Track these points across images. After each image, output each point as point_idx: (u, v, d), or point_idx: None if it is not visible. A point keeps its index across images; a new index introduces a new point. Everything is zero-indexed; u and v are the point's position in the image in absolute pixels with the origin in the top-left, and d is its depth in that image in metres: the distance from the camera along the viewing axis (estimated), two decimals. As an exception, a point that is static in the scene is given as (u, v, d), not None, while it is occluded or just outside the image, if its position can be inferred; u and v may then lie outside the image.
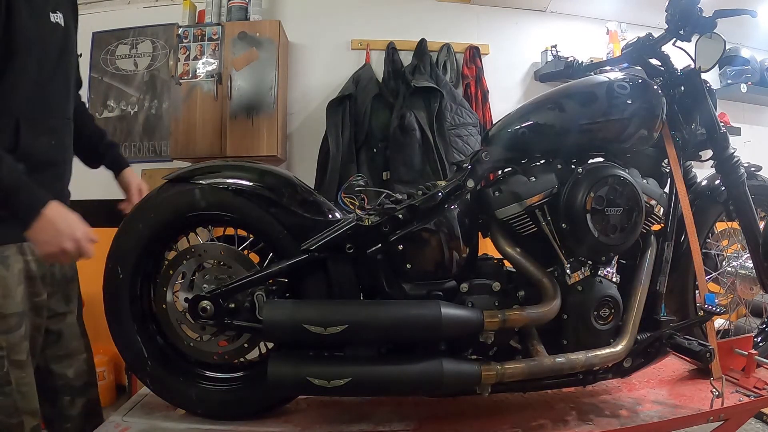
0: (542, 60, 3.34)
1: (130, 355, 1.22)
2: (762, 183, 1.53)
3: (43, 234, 0.98)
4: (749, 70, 3.49)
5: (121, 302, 1.21)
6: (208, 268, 1.21)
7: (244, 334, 1.21)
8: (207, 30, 2.89)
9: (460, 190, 1.22)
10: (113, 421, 1.19)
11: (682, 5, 1.32)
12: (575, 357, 1.16)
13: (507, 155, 1.26)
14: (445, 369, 1.07)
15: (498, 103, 3.20)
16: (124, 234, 1.21)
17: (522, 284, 1.22)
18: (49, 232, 0.98)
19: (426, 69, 3.07)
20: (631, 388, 1.39)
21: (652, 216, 1.29)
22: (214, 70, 2.84)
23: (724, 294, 1.59)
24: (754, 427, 2.19)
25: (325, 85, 3.16)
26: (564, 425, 1.19)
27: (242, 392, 1.22)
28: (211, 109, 2.82)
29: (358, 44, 3.22)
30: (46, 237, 0.98)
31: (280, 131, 2.90)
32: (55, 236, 0.98)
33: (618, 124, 1.25)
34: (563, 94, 1.28)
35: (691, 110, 1.38)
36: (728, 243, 1.63)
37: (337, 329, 1.05)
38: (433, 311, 1.08)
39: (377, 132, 2.93)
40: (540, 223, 1.21)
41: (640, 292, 1.25)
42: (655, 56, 1.39)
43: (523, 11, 3.43)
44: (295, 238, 1.18)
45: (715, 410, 1.23)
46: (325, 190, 2.81)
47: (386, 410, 1.26)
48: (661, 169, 1.36)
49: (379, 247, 1.18)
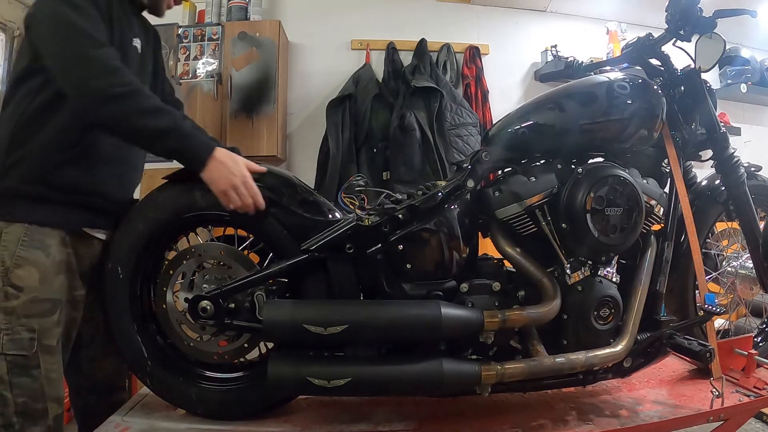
0: (542, 60, 3.34)
1: (130, 355, 1.22)
2: (762, 183, 1.53)
3: (216, 173, 1.11)
4: (749, 70, 3.49)
5: (121, 302, 1.21)
6: (208, 268, 1.22)
7: (244, 334, 1.21)
8: (207, 30, 2.89)
9: (460, 190, 1.22)
10: (113, 421, 1.19)
11: (682, 5, 1.32)
12: (575, 357, 1.16)
13: (507, 155, 1.26)
14: (445, 369, 1.07)
15: (498, 103, 3.20)
16: (124, 234, 1.21)
17: (522, 284, 1.22)
18: (221, 171, 1.11)
19: (426, 69, 3.07)
20: (631, 388, 1.39)
21: (652, 216, 1.29)
22: (214, 70, 2.84)
23: (724, 294, 1.59)
24: (754, 427, 2.19)
25: (325, 85, 3.16)
26: (564, 425, 1.19)
27: (242, 392, 1.22)
28: (211, 109, 2.82)
29: (358, 44, 3.22)
30: (219, 175, 1.11)
31: (280, 131, 2.90)
32: (226, 174, 1.11)
33: (618, 124, 1.25)
34: (563, 94, 1.28)
35: (691, 110, 1.38)
36: (728, 243, 1.63)
37: (337, 329, 1.05)
38: (433, 311, 1.08)
39: (377, 132, 2.93)
40: (540, 223, 1.21)
41: (640, 292, 1.25)
42: (655, 56, 1.39)
43: (523, 11, 3.43)
44: (295, 238, 1.18)
45: (715, 410, 1.23)
46: (325, 190, 2.81)
47: (386, 410, 1.26)
48: (661, 169, 1.36)
49: (379, 247, 1.18)
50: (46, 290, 1.13)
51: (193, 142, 1.12)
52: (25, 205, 1.13)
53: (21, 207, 1.13)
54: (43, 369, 1.12)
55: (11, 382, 1.09)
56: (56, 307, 1.14)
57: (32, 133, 1.13)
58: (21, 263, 1.11)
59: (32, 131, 1.13)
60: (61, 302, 1.16)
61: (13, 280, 1.10)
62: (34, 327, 1.11)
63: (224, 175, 1.11)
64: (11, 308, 1.10)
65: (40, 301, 1.12)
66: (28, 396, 1.10)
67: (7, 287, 1.10)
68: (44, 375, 1.12)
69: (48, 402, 1.12)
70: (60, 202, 1.15)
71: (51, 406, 1.13)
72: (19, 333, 1.10)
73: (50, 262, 1.14)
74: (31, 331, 1.11)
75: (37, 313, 1.12)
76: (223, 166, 1.11)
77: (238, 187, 1.11)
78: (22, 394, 1.09)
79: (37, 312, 1.12)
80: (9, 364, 1.09)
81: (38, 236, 1.13)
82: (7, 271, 1.10)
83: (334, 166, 2.84)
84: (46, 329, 1.13)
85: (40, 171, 1.13)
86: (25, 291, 1.11)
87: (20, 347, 1.10)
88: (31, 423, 1.10)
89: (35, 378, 1.11)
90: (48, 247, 1.14)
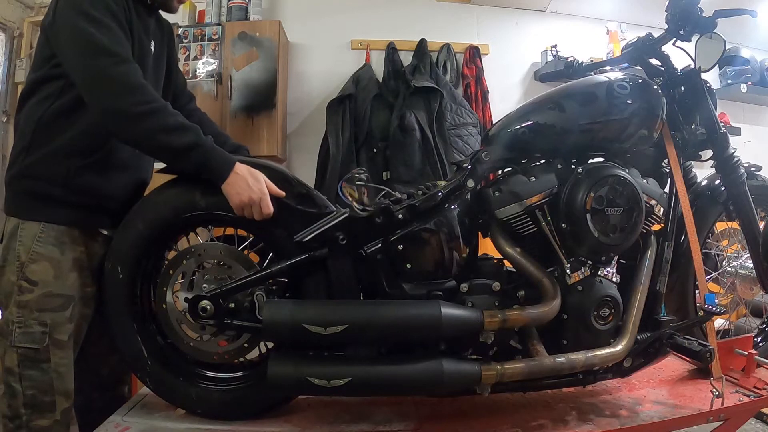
0: (542, 60, 3.34)
1: (130, 355, 1.22)
2: (762, 183, 1.53)
3: (236, 186, 1.13)
4: (749, 70, 3.48)
5: (121, 302, 1.21)
6: (208, 268, 1.22)
7: (244, 334, 1.21)
8: (207, 30, 2.89)
9: (460, 190, 1.22)
10: (113, 421, 1.19)
11: (682, 5, 1.32)
12: (575, 357, 1.16)
13: (507, 155, 1.26)
14: (445, 369, 1.07)
15: (498, 103, 3.19)
16: (124, 234, 1.21)
17: (522, 284, 1.22)
18: (240, 185, 1.13)
19: (426, 69, 3.06)
20: (631, 388, 1.39)
21: (652, 216, 1.29)
22: (214, 70, 2.83)
23: (724, 294, 1.59)
24: (754, 427, 2.19)
25: (325, 85, 3.15)
26: (564, 425, 1.19)
27: (242, 392, 1.22)
28: (211, 109, 2.80)
29: (358, 44, 3.22)
30: (238, 189, 1.13)
31: (280, 131, 2.90)
32: (245, 188, 1.13)
33: (618, 124, 1.25)
34: (563, 94, 1.28)
35: (691, 110, 1.38)
36: (728, 243, 1.62)
37: (337, 329, 1.05)
38: (433, 311, 1.08)
39: (377, 132, 2.93)
40: (540, 223, 1.21)
41: (640, 292, 1.25)
42: (655, 56, 1.39)
43: (523, 11, 3.43)
44: (290, 233, 1.18)
45: (715, 410, 1.23)
46: (326, 190, 2.80)
47: (386, 410, 1.26)
48: (661, 169, 1.37)
49: (379, 247, 1.18)
50: (60, 286, 1.15)
51: (215, 158, 1.14)
52: (44, 205, 1.16)
53: (39, 206, 1.16)
54: (53, 363, 1.14)
55: (21, 374, 1.12)
56: (69, 303, 1.17)
57: (53, 136, 1.15)
58: (36, 258, 1.14)
59: (53, 134, 1.15)
60: (74, 298, 1.18)
61: (28, 274, 1.13)
62: (46, 321, 1.13)
63: (244, 190, 1.13)
64: (25, 302, 1.13)
65: (53, 296, 1.14)
66: (37, 389, 1.12)
67: (22, 281, 1.13)
68: (54, 369, 1.14)
69: (56, 395, 1.14)
70: (77, 204, 1.17)
71: (59, 400, 1.15)
72: (31, 327, 1.12)
73: (64, 259, 1.16)
74: (43, 325, 1.13)
75: (50, 308, 1.14)
76: (243, 181, 1.13)
77: (255, 202, 1.13)
78: (31, 387, 1.12)
79: (49, 306, 1.14)
80: (20, 357, 1.12)
81: (53, 234, 1.16)
82: (22, 265, 1.13)
83: (334, 166, 2.84)
84: (58, 324, 1.15)
85: (60, 174, 1.15)
86: (39, 285, 1.13)
87: (32, 340, 1.12)
88: (39, 415, 1.12)
89: (45, 371, 1.13)
90: (63, 245, 1.17)
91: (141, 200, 1.25)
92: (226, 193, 1.14)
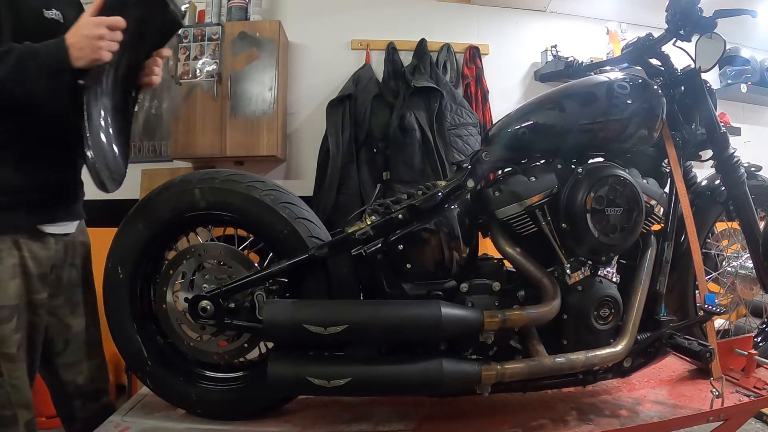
0: (542, 60, 3.34)
1: (130, 355, 1.22)
2: (762, 183, 1.53)
3: (80, 50, 1.03)
4: (749, 70, 3.48)
5: (121, 302, 1.21)
6: (208, 268, 1.22)
7: (244, 334, 1.21)
8: (207, 30, 2.88)
9: (460, 190, 1.22)
10: (113, 421, 1.19)
11: (682, 5, 1.32)
12: (575, 357, 1.16)
13: (507, 155, 1.26)
14: (445, 369, 1.07)
15: (498, 103, 3.20)
16: (124, 234, 1.21)
17: (522, 284, 1.22)
18: (82, 44, 1.03)
19: (426, 69, 3.06)
20: (631, 388, 1.39)
21: (652, 216, 1.29)
22: (214, 70, 2.83)
23: (724, 294, 1.59)
24: (754, 427, 2.19)
25: (325, 85, 3.15)
26: (564, 425, 1.19)
27: (242, 392, 1.22)
28: (211, 109, 2.82)
29: (358, 44, 3.22)
30: (83, 50, 1.03)
31: (280, 131, 2.90)
32: (88, 43, 1.03)
33: (618, 124, 1.25)
34: (563, 94, 1.28)
35: (691, 110, 1.38)
36: (728, 243, 1.63)
37: (337, 329, 1.05)
38: (433, 311, 1.08)
39: (377, 132, 2.93)
40: (540, 223, 1.21)
41: (640, 292, 1.25)
42: (655, 56, 1.39)
43: (523, 11, 3.43)
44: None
45: (715, 410, 1.23)
46: (326, 190, 2.81)
47: (386, 410, 1.26)
48: (661, 169, 1.37)
49: (379, 247, 1.18)
50: (1, 297, 1.09)
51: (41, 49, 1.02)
52: None
53: None
54: (6, 377, 1.10)
55: None
56: (13, 314, 1.11)
57: None
58: None
59: None
60: (19, 308, 1.12)
61: None
62: None
63: (87, 43, 1.02)
64: None
65: None
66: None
67: None
68: (8, 383, 1.10)
69: (17, 408, 1.11)
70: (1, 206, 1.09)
71: (20, 412, 1.12)
72: None
73: (3, 268, 1.09)
74: None
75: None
76: (78, 41, 1.02)
77: (103, 36, 1.03)
78: None
79: None
80: None
81: None
82: None
83: (334, 166, 2.84)
84: (5, 337, 1.09)
85: None
86: None
87: None
88: (3, 430, 1.09)
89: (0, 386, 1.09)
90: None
91: (141, 200, 1.25)
92: (80, 64, 1.03)
